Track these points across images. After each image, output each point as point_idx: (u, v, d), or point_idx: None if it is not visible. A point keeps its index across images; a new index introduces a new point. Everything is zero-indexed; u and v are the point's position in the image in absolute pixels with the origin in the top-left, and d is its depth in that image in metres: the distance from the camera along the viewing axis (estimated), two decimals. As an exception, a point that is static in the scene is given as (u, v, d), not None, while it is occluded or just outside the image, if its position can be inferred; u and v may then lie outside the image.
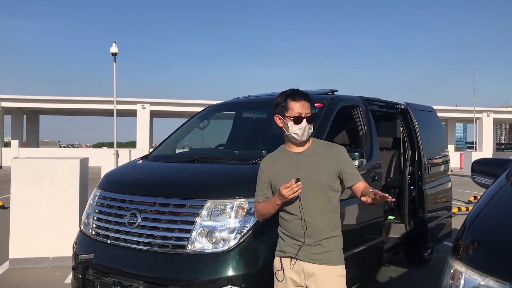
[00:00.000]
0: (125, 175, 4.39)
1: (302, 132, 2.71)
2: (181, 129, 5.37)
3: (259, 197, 2.83)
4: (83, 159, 6.57)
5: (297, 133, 2.72)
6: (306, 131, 2.72)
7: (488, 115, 41.61)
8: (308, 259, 2.70)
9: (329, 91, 5.03)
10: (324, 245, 2.70)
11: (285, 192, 2.53)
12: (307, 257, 2.70)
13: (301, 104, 2.73)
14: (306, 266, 2.70)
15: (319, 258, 2.69)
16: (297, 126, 2.71)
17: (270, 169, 2.80)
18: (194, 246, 3.32)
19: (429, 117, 6.62)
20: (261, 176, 2.85)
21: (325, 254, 2.70)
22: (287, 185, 2.53)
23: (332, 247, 2.73)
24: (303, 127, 2.71)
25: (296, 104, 2.73)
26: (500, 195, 2.24)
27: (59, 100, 36.48)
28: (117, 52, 21.68)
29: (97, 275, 3.57)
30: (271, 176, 2.78)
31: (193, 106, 37.07)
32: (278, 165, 2.79)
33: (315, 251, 2.69)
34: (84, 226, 4.03)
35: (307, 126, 2.72)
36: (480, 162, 3.23)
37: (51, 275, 5.79)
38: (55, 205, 6.18)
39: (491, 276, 1.76)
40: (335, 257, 2.73)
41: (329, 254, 2.70)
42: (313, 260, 2.69)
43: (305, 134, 2.73)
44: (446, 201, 6.69)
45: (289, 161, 2.78)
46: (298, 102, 2.74)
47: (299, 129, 2.71)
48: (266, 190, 2.81)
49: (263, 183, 2.82)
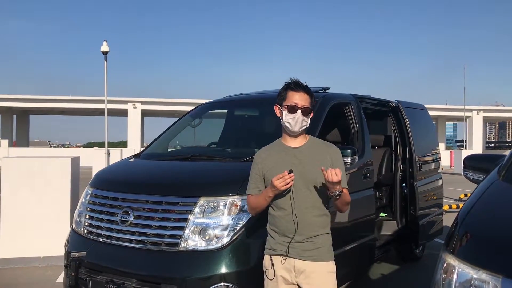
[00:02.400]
0: (117, 173, 4.37)
1: (294, 122, 2.71)
2: (173, 127, 5.36)
3: (252, 190, 2.82)
4: (74, 158, 6.54)
5: (290, 123, 2.71)
6: (299, 122, 2.71)
7: (478, 114, 42.01)
8: (298, 256, 2.69)
9: (321, 89, 5.03)
10: (314, 242, 2.69)
11: (277, 183, 2.52)
12: (297, 254, 2.69)
13: (299, 95, 2.73)
14: (297, 263, 2.69)
15: (310, 254, 2.69)
16: (290, 115, 2.71)
17: (264, 162, 2.79)
18: (187, 243, 3.31)
19: (420, 115, 6.65)
20: (254, 168, 2.83)
21: (316, 250, 2.69)
22: (280, 176, 2.52)
23: (322, 244, 2.72)
24: (296, 117, 2.70)
25: (294, 94, 2.74)
26: (491, 190, 2.27)
27: (49, 99, 36.29)
28: (108, 51, 21.57)
29: (90, 273, 3.55)
30: (265, 169, 2.76)
31: (185, 105, 37.04)
32: (272, 158, 2.78)
33: (305, 247, 2.69)
34: (76, 225, 4.01)
35: (301, 117, 2.71)
36: (471, 158, 3.26)
37: (43, 275, 5.75)
38: (46, 204, 6.14)
39: (483, 269, 1.78)
40: (325, 253, 2.73)
41: (319, 250, 2.70)
42: (303, 257, 2.69)
43: (297, 125, 2.71)
44: (437, 198, 6.73)
45: (283, 155, 2.76)
46: (297, 92, 2.74)
47: (292, 119, 2.71)
48: (259, 183, 2.80)
49: (256, 175, 2.81)
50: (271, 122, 5.21)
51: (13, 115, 39.73)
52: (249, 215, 3.32)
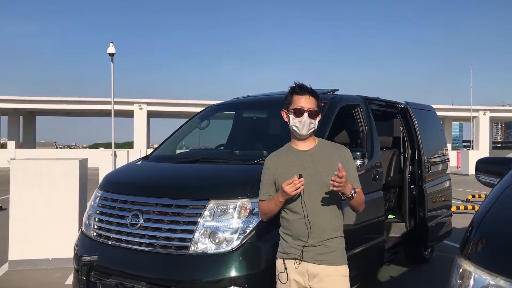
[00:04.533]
0: (126, 176, 4.37)
1: (302, 125, 2.70)
2: (181, 129, 5.35)
3: (263, 196, 2.80)
4: (82, 160, 6.55)
5: (297, 126, 2.70)
6: (306, 125, 2.70)
7: (485, 114, 41.75)
8: (312, 260, 2.68)
9: (329, 91, 5.01)
10: (327, 245, 2.68)
11: (287, 188, 2.50)
12: (311, 258, 2.68)
13: (304, 98, 2.72)
14: (310, 267, 2.68)
15: (323, 258, 2.67)
16: (297, 119, 2.70)
17: (274, 167, 2.78)
18: (197, 246, 3.30)
19: (428, 116, 6.62)
20: (265, 174, 2.82)
21: (329, 254, 2.68)
22: (289, 181, 2.50)
23: (335, 247, 2.71)
24: (303, 121, 2.69)
25: (300, 97, 2.73)
26: (507, 193, 2.24)
27: (55, 100, 36.38)
28: (114, 53, 21.58)
29: (99, 276, 3.54)
30: (275, 174, 2.75)
31: (191, 106, 37.06)
32: (282, 162, 2.76)
33: (319, 251, 2.67)
34: (85, 227, 4.01)
35: (308, 120, 2.69)
36: (484, 161, 3.23)
37: (51, 277, 5.77)
38: (55, 206, 6.15)
39: (501, 275, 1.75)
40: (339, 257, 2.72)
41: (333, 254, 2.69)
42: (317, 261, 2.67)
43: (305, 128, 2.70)
44: (446, 200, 6.69)
45: (294, 159, 2.75)
46: (302, 96, 2.73)
47: (299, 122, 2.70)
48: (270, 188, 2.78)
49: (267, 181, 2.79)
50: (279, 124, 5.20)
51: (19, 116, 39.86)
52: (259, 218, 3.30)
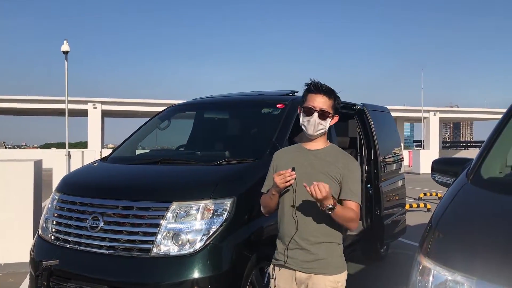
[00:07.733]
0: (85, 177, 4.28)
1: (309, 125, 2.65)
2: (140, 130, 5.28)
3: (264, 188, 2.78)
4: (37, 161, 6.34)
5: (305, 125, 2.67)
6: (314, 125, 2.64)
7: (435, 115, 43.23)
8: (298, 267, 2.62)
9: (289, 92, 5.07)
10: (313, 252, 2.59)
11: (277, 179, 2.48)
12: (297, 265, 2.62)
13: (318, 98, 2.66)
14: (297, 274, 2.63)
15: (309, 266, 2.60)
16: (306, 118, 2.66)
17: (278, 160, 2.77)
18: (159, 249, 3.27)
19: (383, 117, 6.80)
20: (270, 166, 2.81)
21: (316, 262, 2.59)
22: (281, 173, 2.48)
23: (323, 256, 2.61)
24: (311, 120, 2.64)
25: (313, 96, 2.67)
26: (462, 193, 2.35)
27: (5, 99, 35.07)
28: (68, 50, 20.99)
29: (58, 281, 3.45)
30: (278, 167, 2.71)
31: (146, 106, 36.57)
32: (287, 157, 2.75)
33: (305, 258, 2.60)
34: (43, 231, 3.90)
35: (317, 120, 2.63)
36: (439, 161, 3.35)
37: (4, 282, 5.55)
38: (7, 209, 5.93)
39: (458, 271, 1.84)
40: (328, 266, 2.61)
41: (320, 262, 2.59)
42: (303, 269, 2.61)
43: (313, 127, 2.64)
44: (400, 198, 6.91)
45: (298, 155, 2.72)
46: (315, 95, 2.67)
47: (307, 121, 2.66)
48: (271, 181, 2.68)
49: (270, 173, 2.77)
50: (240, 125, 5.22)
51: (-35, 115, 38.26)
52: (223, 219, 3.32)
